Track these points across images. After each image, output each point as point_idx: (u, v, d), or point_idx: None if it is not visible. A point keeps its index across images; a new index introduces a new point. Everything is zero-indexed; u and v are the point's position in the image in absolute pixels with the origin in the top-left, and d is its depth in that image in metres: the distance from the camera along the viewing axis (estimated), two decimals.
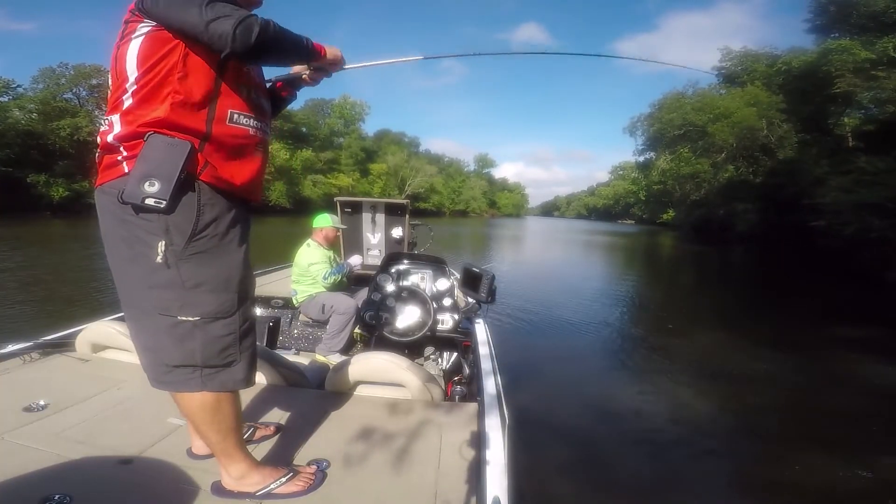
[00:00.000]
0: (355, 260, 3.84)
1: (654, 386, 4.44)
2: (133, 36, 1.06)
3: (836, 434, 3.36)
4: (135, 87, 1.06)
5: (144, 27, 1.06)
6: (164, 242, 1.05)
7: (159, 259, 1.05)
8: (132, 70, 1.06)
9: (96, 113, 31.90)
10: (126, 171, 1.05)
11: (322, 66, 1.37)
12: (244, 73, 1.18)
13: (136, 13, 1.06)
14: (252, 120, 1.18)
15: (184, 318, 1.08)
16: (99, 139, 1.12)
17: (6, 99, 28.39)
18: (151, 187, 1.01)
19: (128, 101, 1.07)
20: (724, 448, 3.23)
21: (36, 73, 31.30)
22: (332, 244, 3.71)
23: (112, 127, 1.07)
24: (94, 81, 32.32)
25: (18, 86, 29.43)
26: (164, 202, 1.02)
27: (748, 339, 6.15)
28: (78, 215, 22.71)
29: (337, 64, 1.38)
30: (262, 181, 1.26)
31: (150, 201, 1.01)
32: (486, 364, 2.01)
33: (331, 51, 1.32)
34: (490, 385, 1.75)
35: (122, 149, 1.07)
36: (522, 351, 5.23)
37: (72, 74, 31.74)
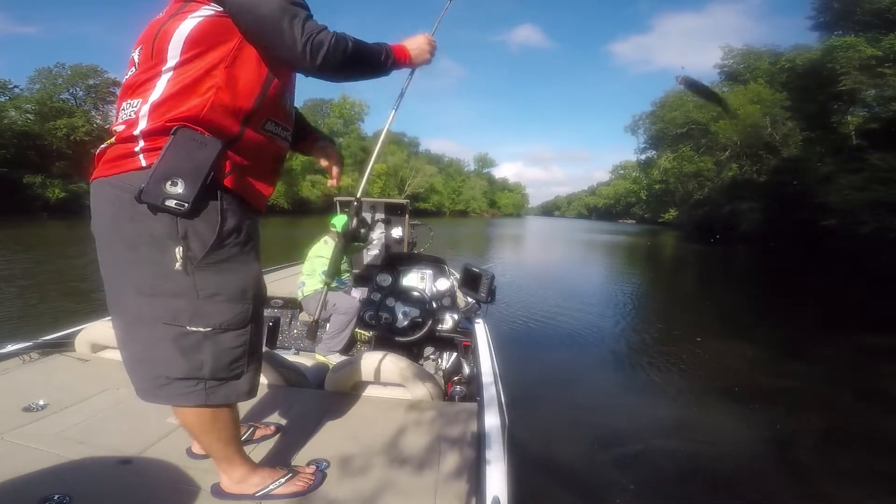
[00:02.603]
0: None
1: (656, 387, 4.43)
2: (191, 15, 0.98)
3: (880, 462, 3.04)
4: (173, 72, 0.97)
5: (209, 10, 0.98)
6: (181, 248, 0.97)
7: (178, 266, 0.97)
8: (176, 52, 0.97)
9: (93, 113, 31.99)
10: (143, 164, 0.96)
11: (411, 67, 1.32)
12: (291, 79, 1.13)
13: None
14: (281, 129, 1.13)
15: (193, 329, 1.01)
16: (117, 121, 1.01)
17: (3, 99, 28.49)
18: (174, 187, 0.93)
19: (161, 87, 0.98)
20: (736, 463, 2.98)
21: (33, 73, 31.48)
22: None
23: (137, 116, 0.98)
24: (90, 81, 32.45)
25: (15, 86, 29.60)
26: (187, 205, 0.94)
27: (765, 346, 5.72)
28: (75, 216, 22.65)
29: (427, 56, 1.30)
30: (272, 193, 1.20)
31: (170, 203, 0.93)
32: (485, 364, 2.01)
33: (415, 47, 1.26)
34: (490, 385, 1.75)
35: (140, 139, 0.97)
36: (523, 351, 5.22)
37: (68, 74, 31.78)
